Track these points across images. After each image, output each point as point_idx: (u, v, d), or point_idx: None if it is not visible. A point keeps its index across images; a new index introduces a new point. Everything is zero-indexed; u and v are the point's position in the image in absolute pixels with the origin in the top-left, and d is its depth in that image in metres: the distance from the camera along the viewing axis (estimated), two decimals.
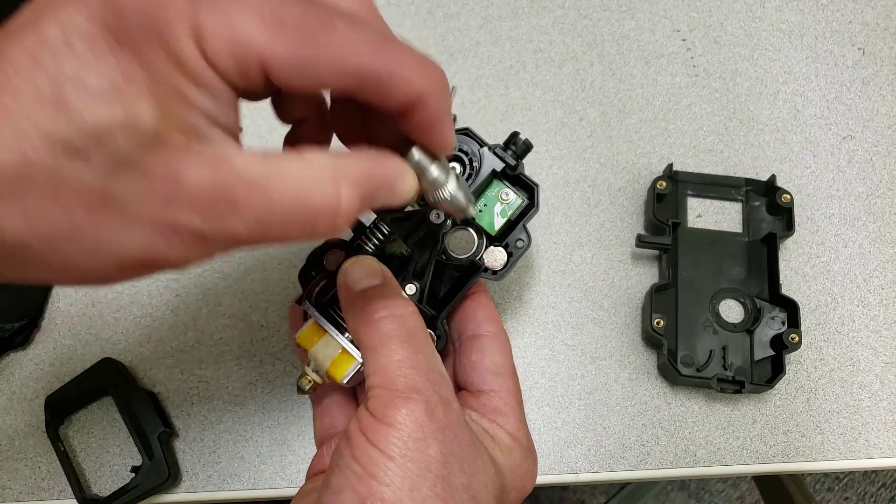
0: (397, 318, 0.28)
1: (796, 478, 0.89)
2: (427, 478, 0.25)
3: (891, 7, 0.52)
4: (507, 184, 0.37)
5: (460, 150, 0.36)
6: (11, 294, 0.41)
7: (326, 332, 0.34)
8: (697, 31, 0.52)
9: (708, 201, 0.46)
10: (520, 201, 0.36)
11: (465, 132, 0.36)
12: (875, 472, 1.19)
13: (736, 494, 1.16)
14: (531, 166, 0.47)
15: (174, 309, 0.43)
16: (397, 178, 0.25)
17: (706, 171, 0.47)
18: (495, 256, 0.35)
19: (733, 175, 0.46)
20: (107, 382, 0.39)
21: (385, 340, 0.27)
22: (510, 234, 0.36)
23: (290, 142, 0.29)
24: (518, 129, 0.48)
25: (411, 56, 0.23)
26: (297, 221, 0.22)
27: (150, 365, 0.42)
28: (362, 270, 0.30)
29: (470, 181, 0.35)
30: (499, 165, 0.36)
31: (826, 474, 1.18)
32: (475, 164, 0.36)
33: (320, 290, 0.35)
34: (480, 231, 0.36)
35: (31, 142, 0.18)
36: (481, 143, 0.36)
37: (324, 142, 0.29)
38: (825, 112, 0.49)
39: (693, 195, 0.45)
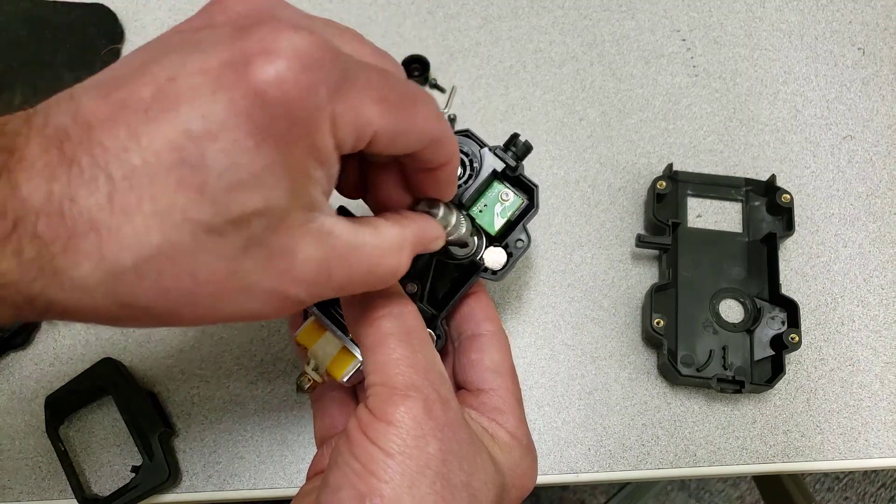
0: (396, 317, 0.28)
1: (796, 478, 0.89)
2: (426, 475, 0.25)
3: (891, 7, 0.52)
4: (507, 184, 0.37)
5: (461, 150, 0.36)
6: None
7: (327, 330, 0.34)
8: (697, 31, 0.52)
9: (708, 201, 0.46)
10: (519, 202, 0.37)
11: (466, 133, 0.36)
12: (875, 472, 1.19)
13: (736, 494, 1.16)
14: (531, 166, 0.47)
15: None
16: (436, 238, 0.30)
17: (706, 171, 0.47)
18: (495, 257, 0.35)
19: (733, 175, 0.46)
20: (107, 382, 0.39)
21: (384, 339, 0.28)
22: (510, 234, 0.36)
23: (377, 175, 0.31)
24: (518, 130, 0.48)
25: (449, 127, 0.28)
26: (367, 283, 0.26)
27: (150, 365, 0.42)
28: None
29: (470, 182, 0.36)
30: (499, 166, 0.36)
31: (826, 474, 1.18)
32: (475, 164, 0.36)
33: None
34: (480, 231, 0.36)
35: (176, 226, 0.20)
36: (481, 144, 0.36)
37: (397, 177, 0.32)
38: (825, 112, 0.49)
39: (693, 195, 0.45)
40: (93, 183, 0.19)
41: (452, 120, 0.48)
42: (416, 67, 0.49)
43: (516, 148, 0.37)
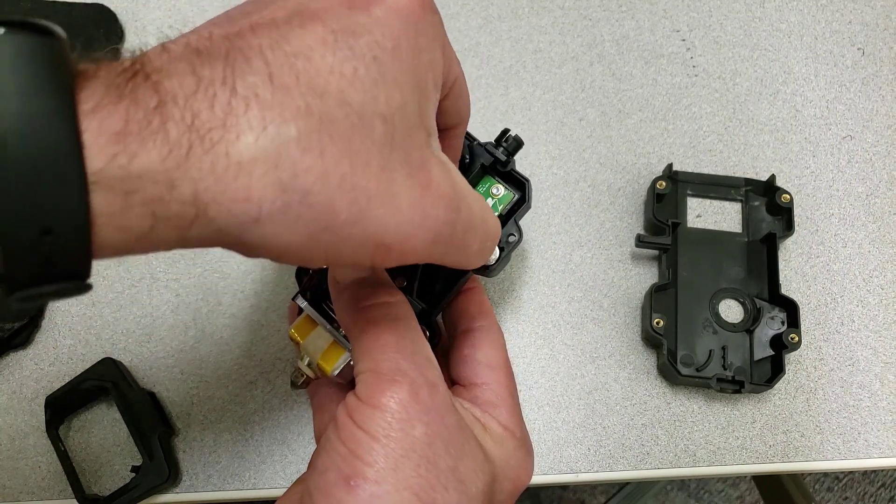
0: (383, 306, 0.28)
1: (796, 478, 0.89)
2: (411, 458, 0.25)
3: (890, 7, 0.52)
4: (498, 179, 0.36)
5: None
6: None
7: (318, 324, 0.34)
8: (697, 31, 0.52)
9: (708, 201, 0.46)
10: (511, 196, 0.36)
11: None
12: (874, 471, 1.19)
13: (735, 494, 1.16)
14: (531, 166, 0.47)
15: (174, 309, 0.43)
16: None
17: (706, 171, 0.47)
18: None
19: (733, 175, 0.46)
20: (107, 382, 0.39)
21: (370, 326, 0.28)
22: (502, 229, 0.35)
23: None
24: (518, 130, 0.48)
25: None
26: (481, 238, 0.26)
27: (150, 365, 0.42)
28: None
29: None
30: (488, 160, 0.36)
31: (825, 474, 1.18)
32: (466, 159, 0.36)
33: (315, 285, 0.35)
34: None
35: (333, 107, 0.20)
36: (472, 140, 0.36)
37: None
38: (825, 112, 0.49)
39: (693, 195, 0.45)
40: (248, 65, 0.19)
41: None
42: None
43: (507, 143, 0.36)
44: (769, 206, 0.44)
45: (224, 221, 0.19)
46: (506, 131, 0.36)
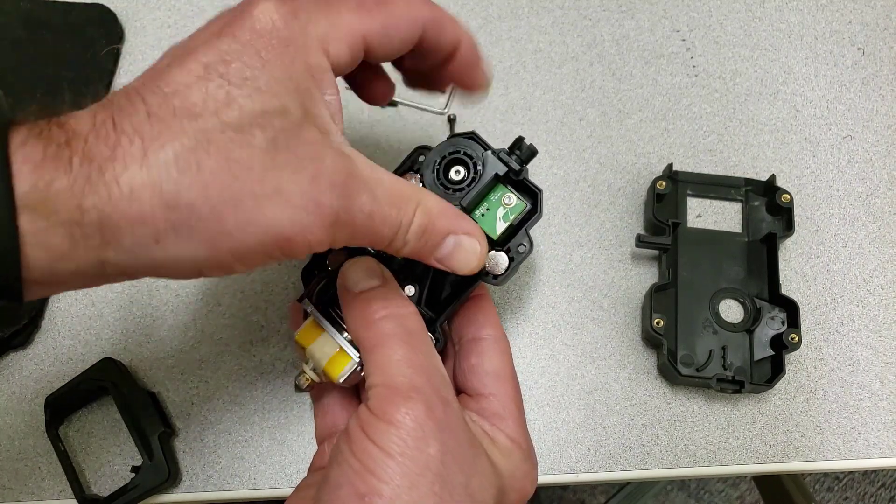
0: (397, 318, 0.29)
1: (796, 478, 0.89)
2: (426, 476, 0.25)
3: (890, 7, 0.52)
4: (510, 188, 0.36)
5: (465, 153, 0.35)
6: None
7: (324, 330, 0.34)
8: (697, 31, 0.52)
9: (708, 201, 0.46)
10: (522, 206, 0.36)
11: (471, 136, 0.36)
12: (875, 472, 1.19)
13: (736, 494, 1.16)
14: (531, 167, 0.47)
15: (174, 309, 0.43)
16: (464, 235, 0.30)
17: (706, 171, 0.47)
18: (497, 261, 0.35)
19: (733, 175, 0.46)
20: (107, 382, 0.39)
21: (384, 340, 0.28)
22: (512, 239, 0.35)
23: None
24: (518, 130, 0.48)
25: (444, 10, 0.30)
26: (388, 222, 0.27)
27: (150, 365, 0.42)
28: (361, 271, 0.30)
29: (473, 184, 0.35)
30: (501, 169, 0.35)
31: (826, 474, 1.18)
32: (479, 167, 0.35)
33: (321, 290, 0.35)
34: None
35: (208, 126, 0.23)
36: (486, 147, 0.36)
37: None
38: (825, 112, 0.49)
39: (693, 195, 0.45)
40: (132, 109, 0.22)
41: (452, 120, 0.48)
42: None
43: (521, 151, 0.36)
44: (769, 206, 0.44)
45: (130, 243, 0.22)
46: (520, 139, 0.36)
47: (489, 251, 0.34)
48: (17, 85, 0.48)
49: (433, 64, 0.32)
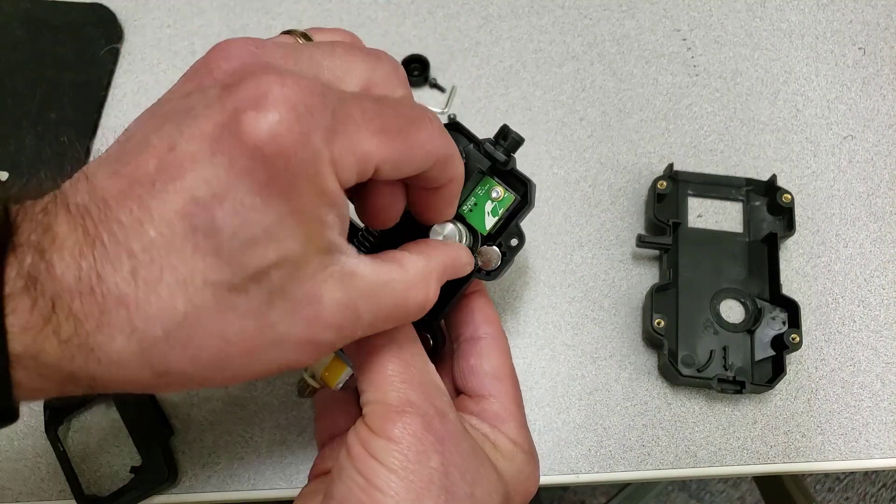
0: (386, 331, 0.28)
1: (797, 478, 0.89)
2: (431, 490, 0.25)
3: (891, 7, 0.52)
4: (497, 180, 0.35)
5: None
6: None
7: None
8: (698, 30, 0.51)
9: (708, 201, 0.45)
10: (512, 198, 0.34)
11: (455, 127, 0.34)
12: (876, 472, 1.18)
13: (737, 495, 1.16)
14: (531, 166, 0.47)
15: None
16: (465, 265, 0.31)
17: (707, 170, 0.47)
18: (489, 256, 0.34)
19: (734, 175, 0.46)
20: None
21: (374, 354, 0.27)
22: (503, 233, 0.34)
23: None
24: (518, 130, 0.48)
25: (455, 145, 0.28)
26: (396, 318, 0.26)
27: None
28: None
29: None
30: (485, 164, 0.34)
31: (827, 475, 1.18)
32: (463, 158, 0.33)
33: None
34: (472, 230, 0.34)
35: (198, 291, 0.20)
36: (470, 139, 0.34)
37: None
38: (826, 112, 0.49)
39: (693, 195, 0.45)
40: (117, 259, 0.20)
41: (453, 120, 0.48)
42: (416, 67, 0.49)
43: (506, 140, 0.34)
44: (770, 206, 0.44)
45: (111, 388, 0.22)
46: (504, 128, 0.34)
47: (480, 246, 0.34)
48: (17, 85, 0.48)
49: (412, 187, 0.29)
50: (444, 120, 0.48)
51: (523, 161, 0.47)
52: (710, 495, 1.16)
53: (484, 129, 0.48)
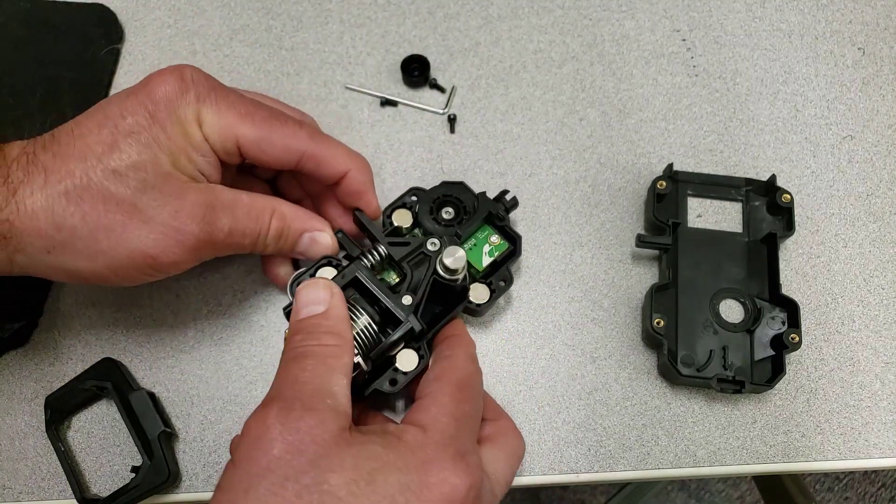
0: (295, 341, 0.31)
1: (796, 478, 0.89)
2: (267, 477, 0.25)
3: (891, 7, 0.52)
4: (495, 230, 0.42)
5: (456, 198, 0.42)
6: (11, 294, 0.41)
7: None
8: (697, 31, 0.52)
9: (708, 201, 0.45)
10: (505, 245, 0.41)
11: (461, 185, 0.42)
12: (875, 472, 1.19)
13: (736, 494, 1.16)
14: (531, 166, 0.47)
15: (174, 309, 0.43)
16: (312, 235, 0.38)
17: (706, 170, 0.47)
18: (479, 292, 0.39)
19: (733, 175, 0.46)
20: (107, 382, 0.39)
21: (283, 359, 0.31)
22: (494, 273, 0.40)
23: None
24: (518, 130, 0.48)
25: (338, 146, 0.38)
26: (248, 233, 0.35)
27: (150, 365, 0.42)
28: (307, 296, 0.33)
29: (462, 223, 0.41)
30: (494, 209, 0.41)
31: (826, 474, 1.18)
32: (468, 209, 0.41)
33: None
34: (469, 265, 0.40)
35: (93, 168, 0.31)
36: (475, 196, 0.42)
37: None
38: (825, 112, 0.49)
39: (693, 195, 0.45)
40: (49, 146, 0.31)
41: (452, 120, 0.48)
42: (416, 67, 0.49)
43: (504, 202, 0.42)
44: (770, 205, 0.44)
45: (31, 251, 0.31)
46: (504, 192, 0.42)
47: (472, 283, 0.39)
48: (17, 85, 0.48)
49: (319, 186, 0.40)
50: (444, 120, 0.49)
51: (523, 161, 0.47)
52: (710, 495, 1.16)
53: (484, 130, 0.48)
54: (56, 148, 0.31)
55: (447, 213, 0.41)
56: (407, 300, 0.36)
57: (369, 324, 0.35)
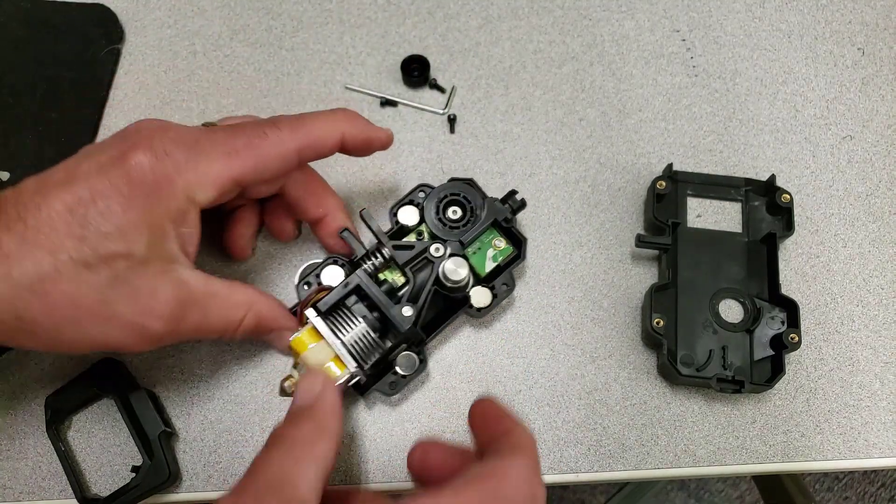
0: (276, 426, 0.30)
1: (796, 478, 0.89)
2: None
3: (890, 7, 0.52)
4: (500, 233, 0.41)
5: (464, 197, 0.41)
6: None
7: (322, 338, 0.35)
8: (697, 31, 0.52)
9: (708, 201, 0.46)
10: (510, 250, 0.41)
11: (469, 182, 0.41)
12: (874, 471, 1.19)
13: (735, 494, 1.16)
14: (531, 166, 0.47)
15: None
16: (281, 332, 0.37)
17: (706, 171, 0.47)
18: (480, 296, 0.39)
19: (733, 175, 0.46)
20: (107, 382, 0.39)
21: (272, 440, 0.29)
22: (497, 277, 0.40)
23: (232, 220, 0.41)
24: (518, 130, 0.48)
25: (320, 188, 0.40)
26: (219, 328, 0.34)
27: (150, 365, 0.42)
28: (302, 386, 0.32)
29: (469, 224, 0.41)
30: (501, 215, 0.40)
31: (826, 474, 1.18)
32: (476, 210, 0.41)
33: (319, 300, 0.36)
34: (472, 269, 0.40)
35: (62, 261, 0.29)
36: (483, 195, 0.41)
37: (252, 224, 0.42)
38: (825, 112, 0.49)
39: (693, 195, 0.45)
40: (15, 226, 0.29)
41: (452, 120, 0.48)
42: (416, 67, 0.49)
43: (512, 203, 0.41)
44: (769, 205, 0.44)
45: None
46: (512, 192, 0.41)
47: (475, 286, 0.40)
48: (17, 85, 0.48)
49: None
50: (444, 120, 0.49)
51: (523, 161, 0.47)
52: (710, 494, 1.16)
53: (483, 130, 0.48)
54: (23, 230, 0.28)
55: (454, 212, 0.41)
56: (408, 311, 0.37)
57: (367, 332, 0.36)
